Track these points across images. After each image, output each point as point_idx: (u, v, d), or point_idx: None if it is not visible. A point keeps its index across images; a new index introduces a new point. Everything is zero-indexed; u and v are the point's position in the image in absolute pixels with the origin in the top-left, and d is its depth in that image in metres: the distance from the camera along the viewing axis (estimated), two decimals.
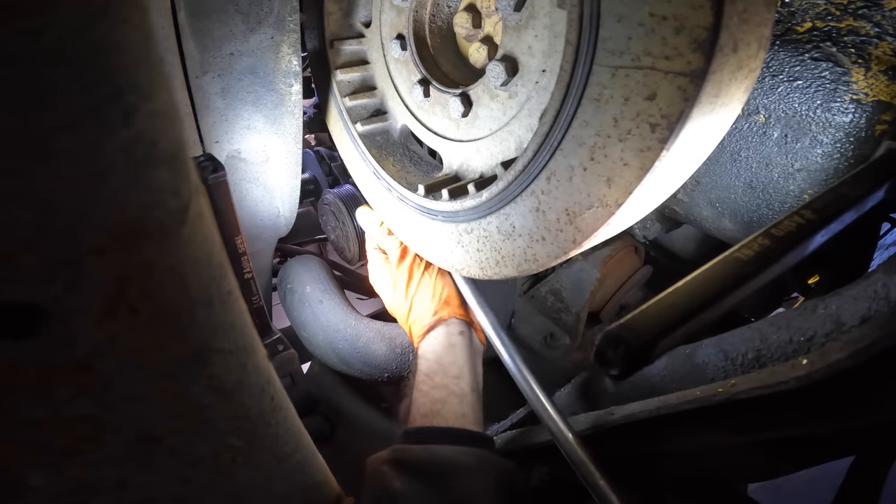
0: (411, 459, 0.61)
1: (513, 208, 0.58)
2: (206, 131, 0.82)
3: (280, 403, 0.39)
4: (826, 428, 0.53)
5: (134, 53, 0.21)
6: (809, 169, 0.59)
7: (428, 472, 0.60)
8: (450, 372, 0.74)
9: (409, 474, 0.59)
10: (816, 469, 0.62)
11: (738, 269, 0.40)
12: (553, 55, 0.52)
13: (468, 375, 0.75)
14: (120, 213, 0.23)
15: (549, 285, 0.87)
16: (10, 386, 0.26)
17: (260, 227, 1.01)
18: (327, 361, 1.08)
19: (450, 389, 0.72)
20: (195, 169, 0.27)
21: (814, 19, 0.59)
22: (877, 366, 0.41)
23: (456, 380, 0.73)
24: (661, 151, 0.43)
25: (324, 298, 1.08)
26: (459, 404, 0.71)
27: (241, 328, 0.33)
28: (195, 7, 0.70)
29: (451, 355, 0.76)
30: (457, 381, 0.73)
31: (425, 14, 0.68)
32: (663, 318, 0.37)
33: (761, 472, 0.73)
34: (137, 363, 0.28)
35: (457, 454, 0.63)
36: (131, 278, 0.25)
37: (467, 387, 0.74)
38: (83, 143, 0.21)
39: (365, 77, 0.79)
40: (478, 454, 0.63)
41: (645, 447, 0.66)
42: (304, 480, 0.48)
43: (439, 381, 0.73)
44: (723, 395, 0.50)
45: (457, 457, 0.62)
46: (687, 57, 0.39)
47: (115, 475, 0.33)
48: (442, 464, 0.61)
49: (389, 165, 0.77)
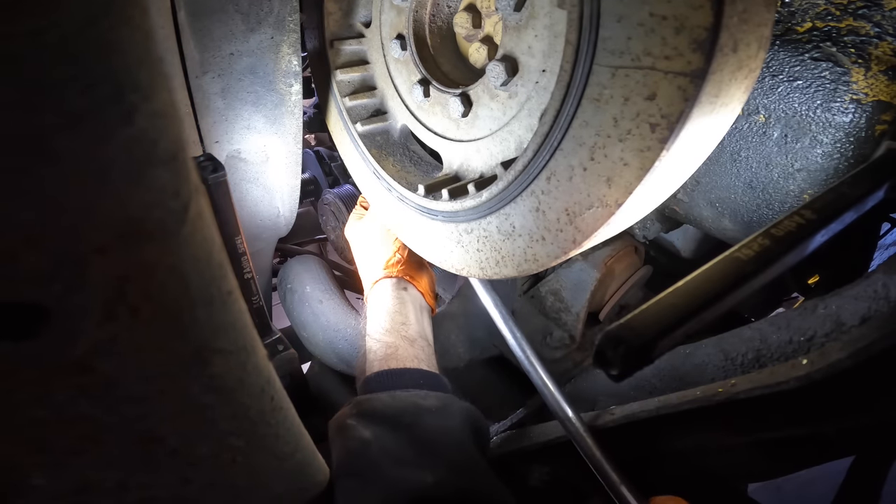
0: (377, 408, 0.61)
1: (513, 208, 0.58)
2: (206, 131, 0.82)
3: (280, 403, 0.39)
4: (826, 428, 0.53)
5: (135, 53, 0.21)
6: (809, 169, 0.59)
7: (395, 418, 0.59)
8: (397, 319, 0.77)
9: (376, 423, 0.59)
10: (816, 469, 0.62)
11: (738, 269, 0.40)
12: (553, 55, 0.52)
13: (415, 323, 0.78)
14: (120, 212, 0.23)
15: (549, 285, 0.87)
16: (11, 386, 0.26)
17: (260, 227, 1.01)
18: (327, 361, 1.08)
19: (399, 334, 0.74)
20: (195, 169, 0.27)
21: (814, 19, 0.59)
22: (877, 366, 0.41)
23: (403, 326, 0.76)
24: (661, 151, 0.43)
25: (324, 298, 1.08)
26: (411, 347, 0.73)
27: (241, 328, 0.33)
28: (195, 7, 0.70)
29: (397, 305, 0.79)
30: (405, 327, 0.76)
31: (425, 14, 0.68)
32: (663, 318, 0.37)
33: (761, 472, 0.73)
34: (138, 363, 0.28)
35: (420, 398, 0.63)
36: (132, 278, 0.25)
37: (416, 333, 0.76)
38: (85, 142, 0.21)
39: (365, 77, 0.79)
40: (440, 397, 0.64)
41: (645, 447, 0.66)
42: (305, 480, 0.48)
43: (388, 326, 0.75)
44: (723, 395, 0.50)
45: (420, 400, 0.63)
46: (687, 57, 0.39)
47: (116, 475, 0.33)
48: (407, 408, 0.61)
49: (389, 165, 0.77)
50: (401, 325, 0.76)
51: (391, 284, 0.82)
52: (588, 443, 0.59)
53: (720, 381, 0.52)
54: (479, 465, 0.57)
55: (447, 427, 0.60)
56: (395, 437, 0.57)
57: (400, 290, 0.82)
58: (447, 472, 0.54)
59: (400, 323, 0.76)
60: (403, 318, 0.77)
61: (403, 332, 0.75)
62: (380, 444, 0.56)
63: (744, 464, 0.69)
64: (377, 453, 0.56)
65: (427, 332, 0.80)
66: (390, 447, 0.56)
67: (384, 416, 0.60)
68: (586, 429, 0.60)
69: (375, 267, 0.85)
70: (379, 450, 0.56)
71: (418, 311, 0.81)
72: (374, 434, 0.57)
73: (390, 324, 0.76)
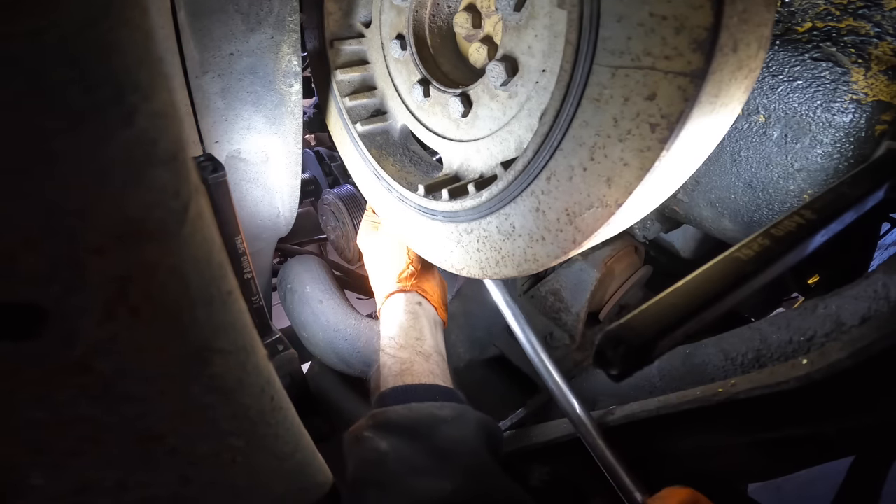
0: (393, 420, 0.61)
1: (513, 208, 0.58)
2: (206, 131, 0.82)
3: (280, 403, 0.39)
4: (826, 428, 0.53)
5: (135, 54, 0.21)
6: (809, 169, 0.59)
7: (411, 429, 0.60)
8: (411, 334, 0.76)
9: (393, 434, 0.59)
10: (816, 469, 0.62)
11: (738, 269, 0.40)
12: (553, 55, 0.52)
13: (430, 339, 0.77)
14: (121, 212, 0.23)
15: (549, 285, 0.87)
16: (11, 386, 0.26)
17: (260, 227, 1.01)
18: (327, 361, 1.08)
19: (415, 350, 0.74)
20: (195, 169, 0.27)
21: (814, 19, 0.59)
22: (877, 366, 0.41)
23: (418, 341, 0.76)
24: (661, 151, 0.43)
25: (324, 298, 1.08)
26: (426, 363, 0.73)
27: (241, 328, 0.33)
28: (195, 7, 0.70)
29: (411, 320, 0.78)
30: (419, 343, 0.75)
31: (425, 14, 0.68)
32: (663, 318, 0.37)
33: (761, 472, 0.73)
34: (138, 363, 0.28)
35: (435, 408, 0.63)
36: (132, 278, 0.25)
37: (431, 348, 0.76)
38: (85, 143, 0.21)
39: (365, 77, 0.79)
40: (455, 408, 0.64)
41: (645, 447, 0.66)
42: (305, 480, 0.48)
43: (403, 341, 0.75)
44: (723, 395, 0.50)
45: (436, 411, 0.63)
46: (687, 57, 0.39)
47: (116, 475, 0.33)
48: (423, 419, 0.61)
49: (389, 165, 0.77)
50: (415, 341, 0.75)
51: (405, 299, 0.81)
52: (598, 441, 0.59)
53: (720, 381, 0.52)
54: (496, 472, 0.58)
55: (463, 436, 0.60)
56: (412, 447, 0.57)
57: (414, 304, 0.81)
58: (465, 479, 0.55)
59: (414, 338, 0.76)
60: (418, 334, 0.77)
61: (418, 347, 0.75)
62: (397, 454, 0.57)
63: (744, 464, 0.69)
64: (395, 463, 0.56)
65: (441, 347, 0.79)
66: (408, 457, 0.57)
67: (400, 426, 0.60)
68: (596, 426, 0.60)
69: (388, 279, 0.84)
70: (397, 460, 0.56)
71: (432, 326, 0.80)
72: (392, 445, 0.58)
73: (405, 339, 0.75)
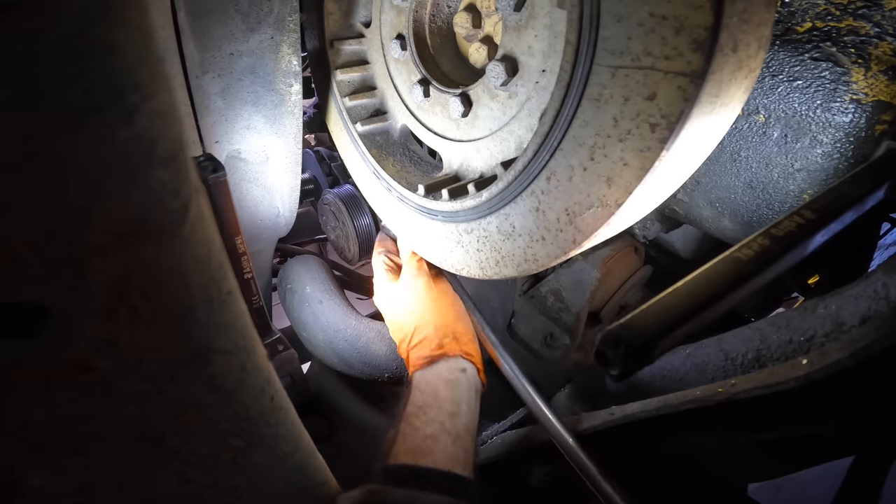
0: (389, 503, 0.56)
1: (513, 208, 0.58)
2: (206, 131, 0.82)
3: (280, 403, 0.39)
4: (826, 428, 0.53)
5: (134, 53, 0.21)
6: (809, 169, 0.59)
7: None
8: (445, 408, 0.68)
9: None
10: (816, 469, 0.62)
11: (738, 269, 0.40)
12: (553, 55, 0.52)
13: (466, 415, 0.69)
14: (121, 212, 0.23)
15: (549, 285, 0.87)
16: (11, 386, 0.26)
17: (260, 227, 1.01)
18: (327, 361, 1.08)
19: (444, 427, 0.66)
20: (195, 169, 0.27)
21: (814, 19, 0.59)
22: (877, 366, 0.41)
23: (451, 417, 0.67)
24: (661, 151, 0.43)
25: (324, 298, 1.08)
26: (452, 444, 0.65)
27: (241, 328, 0.33)
28: (195, 7, 0.70)
29: (450, 391, 0.70)
30: (452, 419, 0.67)
31: (425, 14, 0.68)
32: (663, 318, 0.37)
33: (761, 472, 0.73)
34: (138, 363, 0.28)
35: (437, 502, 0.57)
36: (132, 278, 0.25)
37: (462, 427, 0.67)
38: (85, 142, 0.21)
39: (365, 77, 0.79)
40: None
41: (645, 447, 0.66)
42: (304, 480, 0.48)
43: (433, 415, 0.67)
44: (723, 395, 0.50)
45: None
46: (687, 57, 0.39)
47: (116, 475, 0.33)
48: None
49: (389, 165, 0.77)
50: (448, 416, 0.67)
51: (445, 367, 0.72)
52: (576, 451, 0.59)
53: (720, 381, 0.52)
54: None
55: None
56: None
57: (457, 371, 0.71)
58: None
59: (448, 413, 0.67)
60: (454, 408, 0.68)
61: (448, 424, 0.66)
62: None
63: (744, 464, 0.69)
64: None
65: (474, 423, 0.70)
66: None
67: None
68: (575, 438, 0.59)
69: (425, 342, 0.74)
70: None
71: (473, 398, 0.71)
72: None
73: (436, 413, 0.67)
